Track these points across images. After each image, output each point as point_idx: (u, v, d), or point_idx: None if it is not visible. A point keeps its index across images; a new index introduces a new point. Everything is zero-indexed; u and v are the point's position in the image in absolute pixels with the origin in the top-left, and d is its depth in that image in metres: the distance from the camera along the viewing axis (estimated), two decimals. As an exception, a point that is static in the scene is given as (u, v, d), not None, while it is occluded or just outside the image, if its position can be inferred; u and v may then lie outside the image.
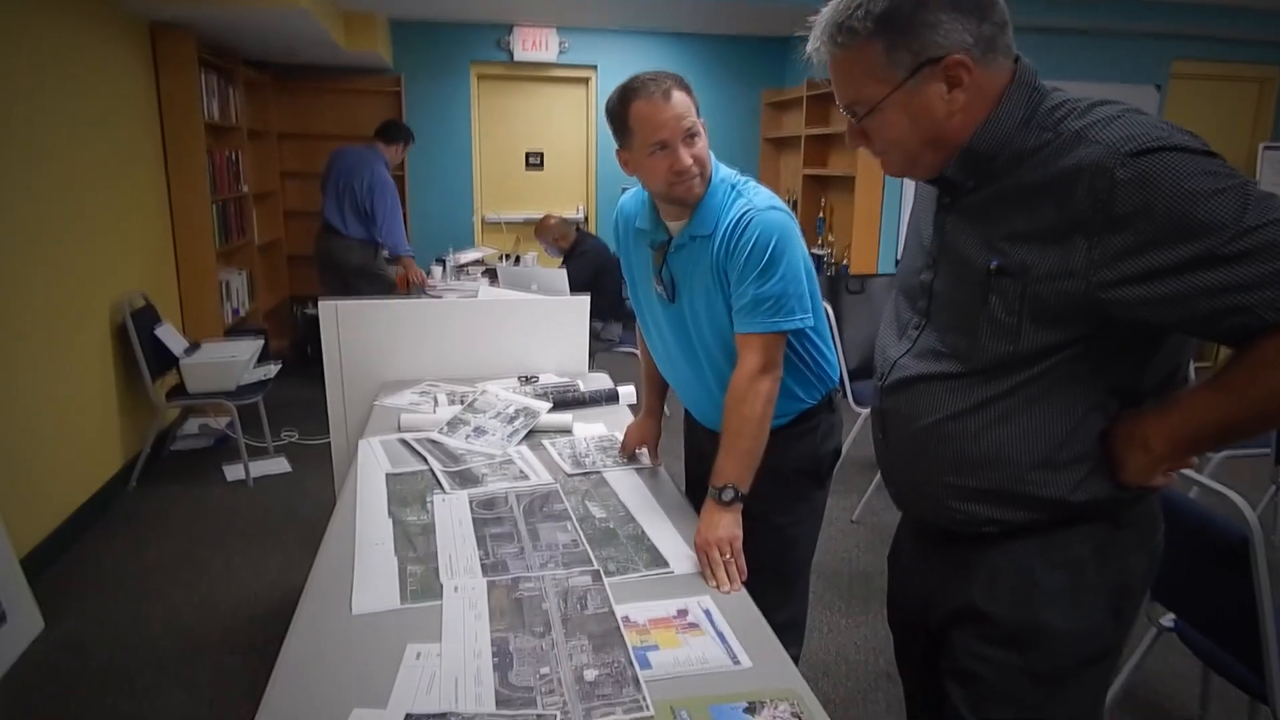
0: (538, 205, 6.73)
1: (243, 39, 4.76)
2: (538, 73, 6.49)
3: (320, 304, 2.55)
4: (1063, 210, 0.94)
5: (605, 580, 1.38)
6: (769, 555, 1.73)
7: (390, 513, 1.64)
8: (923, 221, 1.20)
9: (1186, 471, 2.13)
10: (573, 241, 4.96)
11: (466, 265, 5.39)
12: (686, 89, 1.52)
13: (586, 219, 6.82)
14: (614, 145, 1.64)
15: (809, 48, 1.09)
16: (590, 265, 4.85)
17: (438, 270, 5.07)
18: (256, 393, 3.81)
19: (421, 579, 1.39)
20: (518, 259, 5.46)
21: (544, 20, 6.12)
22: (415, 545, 1.51)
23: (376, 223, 4.78)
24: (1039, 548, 1.09)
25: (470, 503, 1.70)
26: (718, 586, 1.38)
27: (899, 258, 1.31)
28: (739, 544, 1.43)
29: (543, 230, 4.94)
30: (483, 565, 1.44)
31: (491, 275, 5.09)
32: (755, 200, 1.55)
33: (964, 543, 1.15)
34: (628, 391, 2.43)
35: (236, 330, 4.68)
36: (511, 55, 6.28)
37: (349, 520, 1.62)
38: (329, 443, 2.70)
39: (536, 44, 6.27)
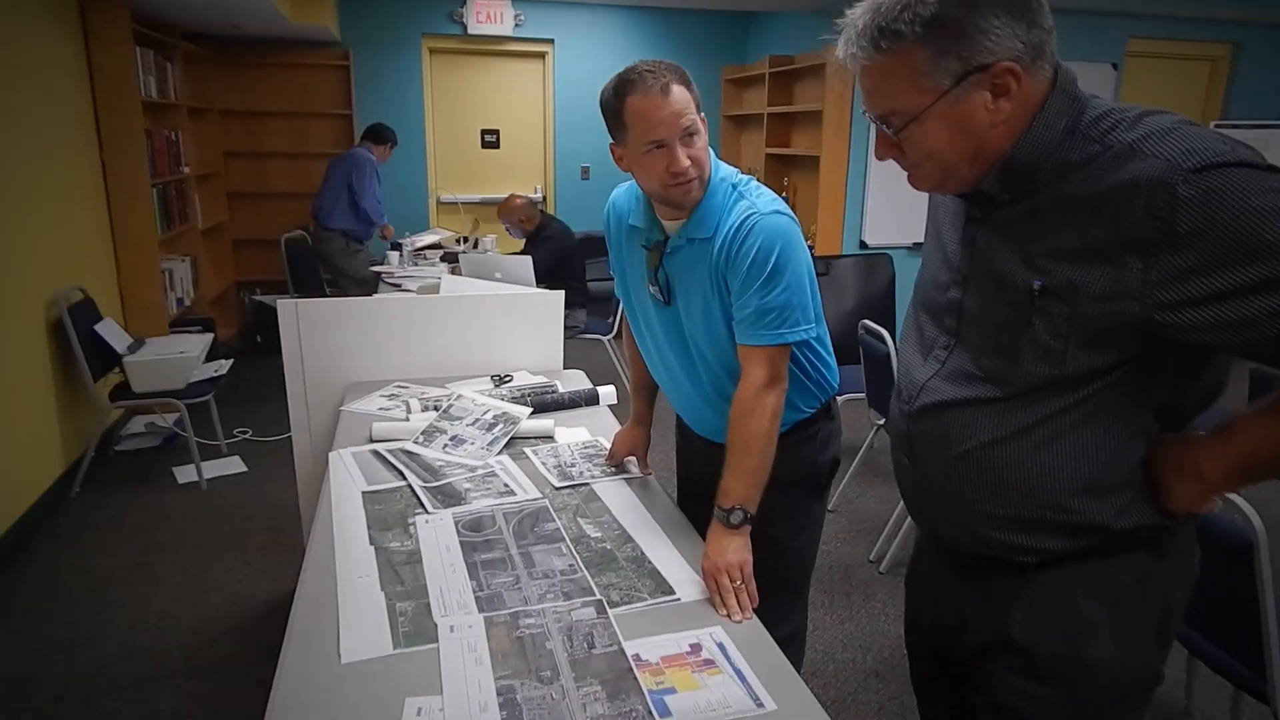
0: (494, 185, 6.55)
1: (181, 10, 4.48)
2: (492, 46, 6.28)
3: (280, 304, 2.40)
4: (1116, 228, 0.89)
5: (610, 613, 1.31)
6: (769, 569, 1.67)
7: (371, 539, 1.54)
8: (945, 233, 1.14)
9: None
10: (537, 224, 4.83)
11: (423, 250, 5.21)
12: (687, 83, 1.42)
13: (545, 199, 6.67)
14: (574, 126, 1.60)
15: (840, 52, 1.00)
16: (556, 249, 4.73)
17: (394, 256, 4.89)
18: (207, 390, 3.62)
19: (413, 618, 1.29)
20: (476, 242, 5.30)
21: (498, -8, 5.92)
22: (402, 577, 1.41)
23: (362, 197, 5.09)
24: (1080, 577, 1.05)
25: (456, 524, 1.60)
26: (729, 615, 1.31)
27: (919, 274, 1.24)
28: (750, 569, 1.37)
29: (507, 211, 4.79)
30: (477, 599, 1.34)
31: (450, 260, 4.93)
32: (758, 204, 1.46)
33: (998, 571, 1.10)
34: (608, 392, 2.34)
35: (182, 322, 4.46)
36: (465, 28, 6.06)
37: (326, 548, 1.51)
38: (288, 438, 2.56)
39: (491, 16, 6.06)
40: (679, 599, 1.36)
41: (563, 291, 2.65)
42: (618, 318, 4.80)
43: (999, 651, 1.11)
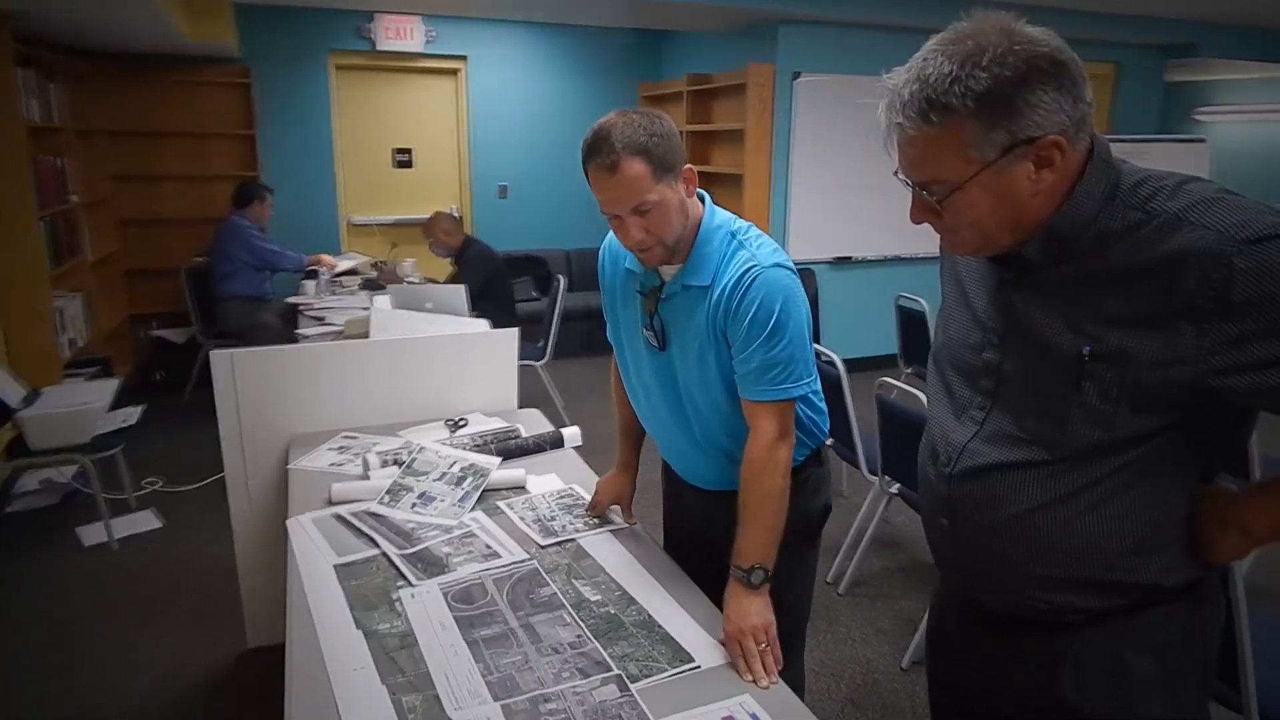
0: (408, 206, 6.35)
1: (65, 27, 4.13)
2: (403, 63, 6.08)
3: (213, 355, 2.23)
4: (1169, 296, 0.91)
5: (633, 689, 1.24)
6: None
7: (357, 622, 1.42)
8: (972, 292, 1.13)
9: None
10: (461, 241, 4.68)
11: (340, 277, 4.98)
12: (645, 153, 1.33)
13: (462, 219, 6.50)
14: (490, 144, 1.60)
15: (882, 120, 0.99)
16: (483, 268, 4.59)
17: (310, 285, 4.65)
18: (115, 443, 3.33)
19: (424, 713, 1.20)
20: (382, 264, 5.10)
21: (408, 7, 5.73)
22: (400, 665, 1.31)
23: (267, 262, 4.90)
24: (1126, 633, 1.05)
25: (445, 597, 1.50)
26: (754, 681, 1.27)
27: (938, 328, 1.23)
28: (774, 630, 1.33)
29: (432, 228, 4.61)
30: (488, 684, 1.26)
31: (371, 287, 4.73)
32: (759, 255, 1.43)
33: (1040, 629, 1.10)
34: (573, 433, 2.27)
35: (76, 364, 4.10)
36: (374, 44, 5.85)
37: (308, 634, 1.39)
38: (208, 486, 2.38)
39: (401, 33, 5.87)
40: (699, 666, 1.31)
41: (516, 330, 2.56)
42: (549, 342, 4.71)
43: (1050, 711, 1.10)
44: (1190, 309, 0.89)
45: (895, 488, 2.84)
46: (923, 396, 1.84)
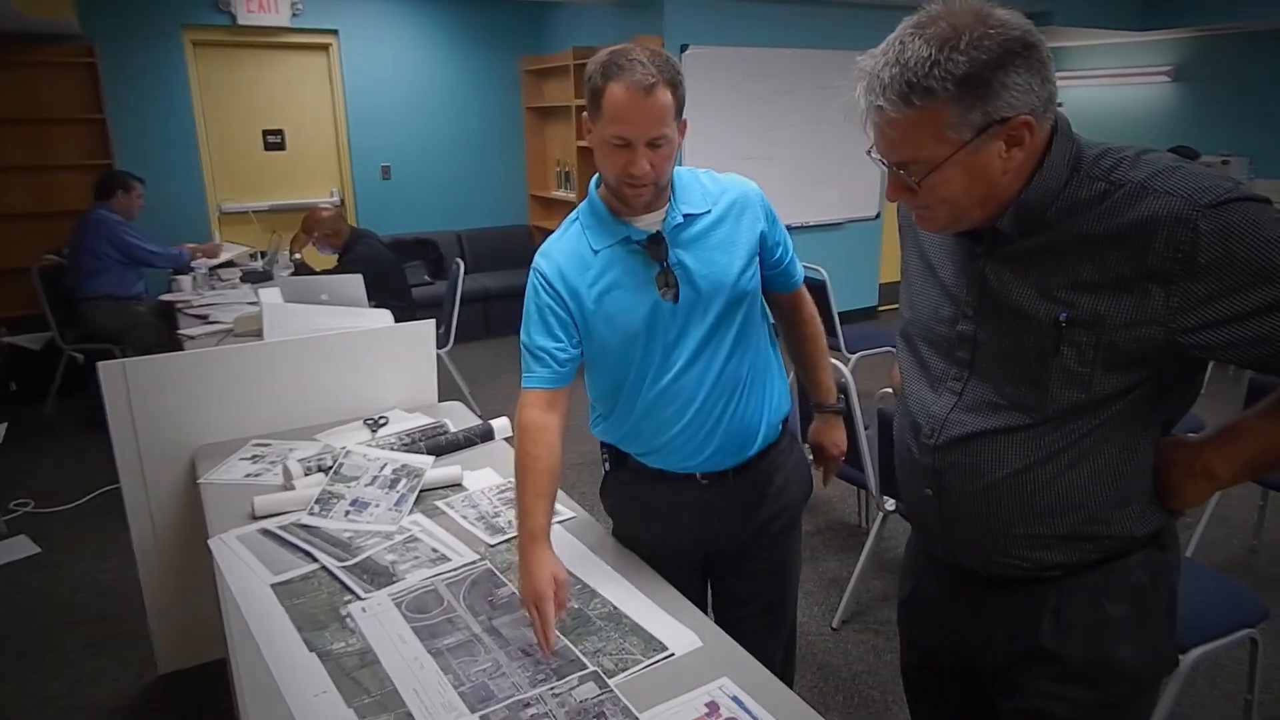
0: (285, 190, 6.01)
1: None
2: (268, 39, 5.71)
3: (101, 367, 2.04)
4: (1138, 260, 0.96)
5: (611, 684, 1.23)
6: (773, 598, 1.69)
7: (309, 644, 1.34)
8: (940, 267, 1.16)
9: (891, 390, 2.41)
10: (346, 238, 4.43)
11: (218, 269, 4.66)
12: (674, 86, 1.33)
13: (343, 203, 6.20)
14: (370, 123, 1.49)
15: (861, 102, 0.99)
16: (373, 262, 4.38)
17: (186, 281, 4.33)
18: (-21, 464, 3.02)
19: (400, 735, 1.15)
20: (262, 254, 4.82)
21: (270, -21, 5.37)
22: (365, 685, 1.25)
23: (138, 259, 4.46)
24: (1102, 582, 1.11)
25: (398, 607, 1.44)
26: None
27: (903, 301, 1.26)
28: None
29: (314, 223, 4.35)
30: (462, 696, 1.22)
31: (254, 279, 4.45)
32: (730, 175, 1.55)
33: (1022, 586, 1.15)
34: (502, 425, 2.22)
35: (-82, 380, 3.68)
36: (234, 18, 5.45)
37: (256, 662, 1.30)
38: (85, 503, 2.20)
39: (264, 5, 5.50)
40: (673, 654, 1.31)
41: (432, 322, 2.47)
42: (451, 328, 4.58)
43: (1029, 660, 1.16)
44: (1158, 271, 0.95)
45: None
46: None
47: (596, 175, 1.47)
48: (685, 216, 1.45)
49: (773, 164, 5.90)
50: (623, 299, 1.44)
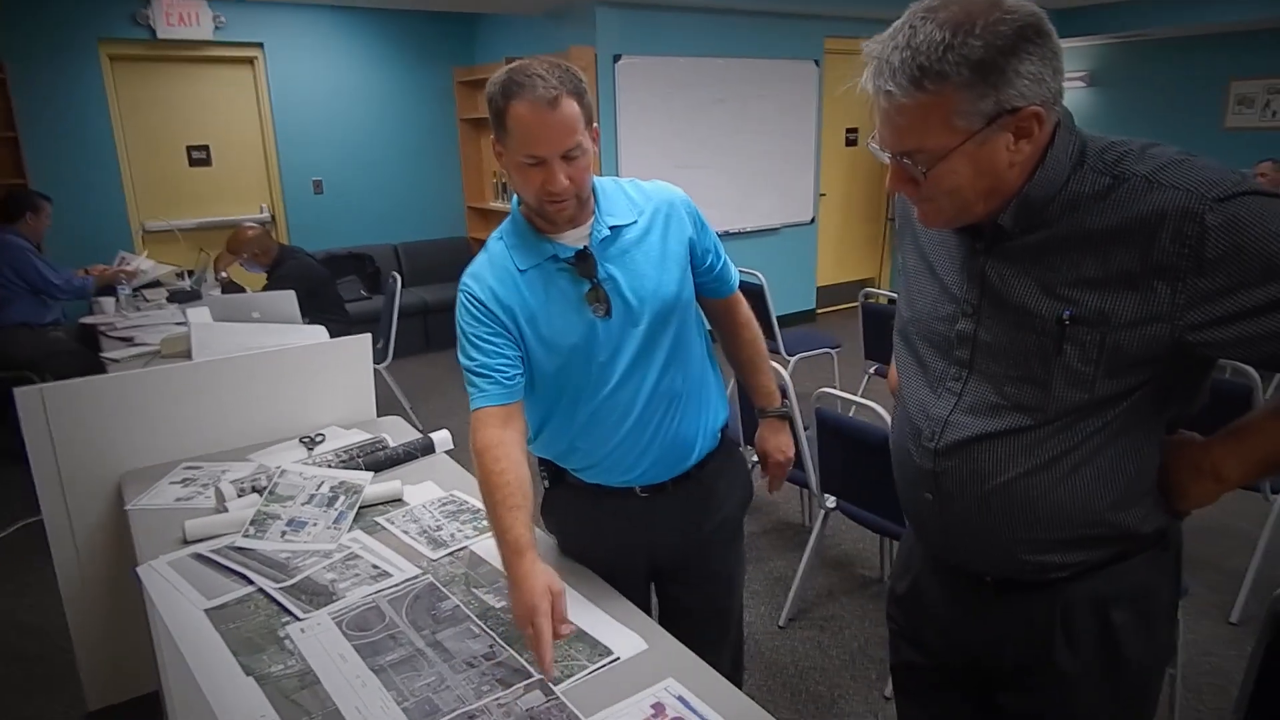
0: (212, 207, 5.85)
1: None
2: (190, 52, 5.56)
3: (18, 393, 1.96)
4: (1144, 255, 0.94)
5: (557, 691, 1.23)
6: (718, 607, 1.70)
7: (245, 668, 1.31)
8: (938, 265, 1.14)
9: (837, 392, 2.57)
10: (274, 256, 4.32)
11: (143, 290, 4.51)
12: (579, 95, 1.30)
13: (274, 218, 6.07)
14: (300, 136, 1.45)
15: (869, 85, 0.97)
16: (305, 278, 4.29)
17: (109, 303, 4.18)
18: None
19: (342, 755, 1.13)
20: (190, 273, 4.68)
21: (190, -9, 5.23)
22: (305, 707, 1.22)
23: (39, 288, 4.26)
24: (1108, 583, 1.09)
25: (339, 626, 1.42)
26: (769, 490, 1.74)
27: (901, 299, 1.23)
28: None
29: (241, 243, 4.25)
30: (406, 711, 1.20)
31: (182, 299, 4.32)
32: (657, 183, 1.55)
33: (1027, 590, 1.13)
34: (443, 437, 2.20)
35: None
36: (154, 32, 5.30)
37: (190, 691, 1.27)
38: (3, 537, 2.10)
39: (185, 18, 5.36)
40: (618, 658, 1.31)
41: (368, 336, 2.43)
42: (389, 342, 4.51)
43: (1039, 661, 1.14)
44: (1165, 267, 0.92)
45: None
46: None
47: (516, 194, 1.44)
48: (611, 229, 1.42)
49: (708, 171, 5.97)
50: (556, 321, 1.42)
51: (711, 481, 1.59)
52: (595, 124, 1.37)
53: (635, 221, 1.46)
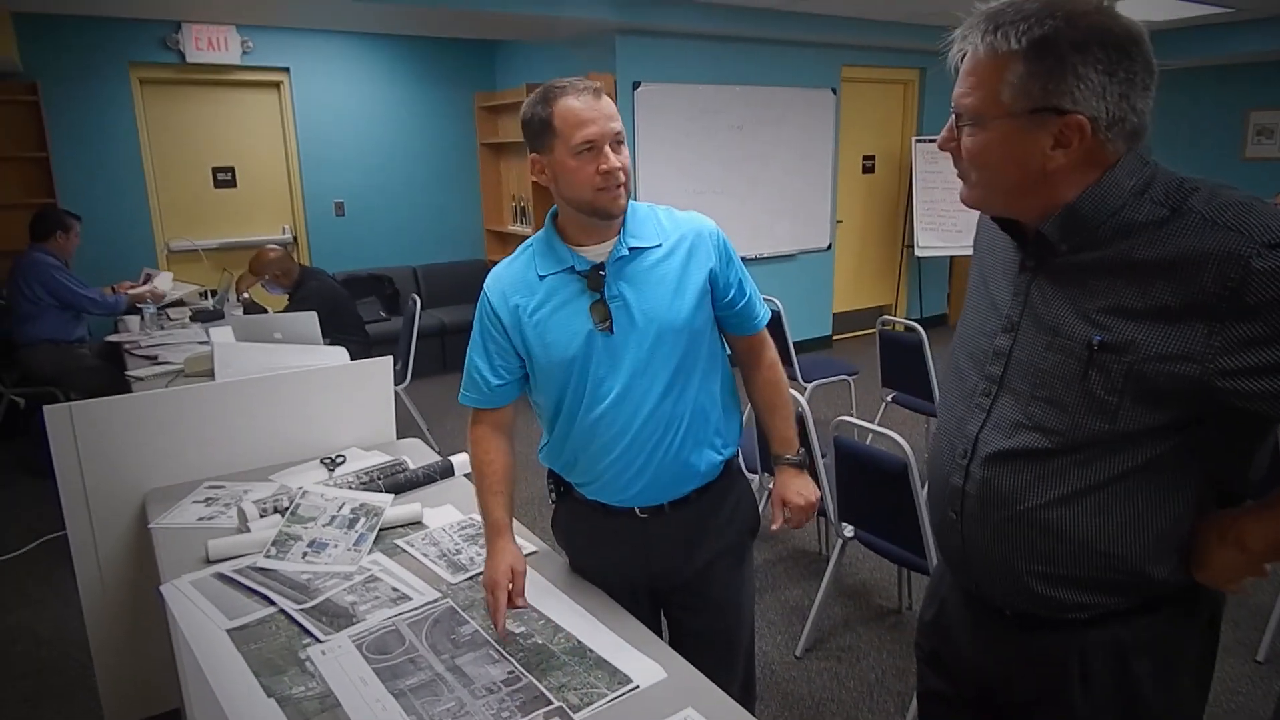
0: (236, 228, 5.94)
1: None
2: (218, 76, 5.67)
3: (47, 411, 1.99)
4: (1185, 292, 0.92)
5: (576, 718, 1.23)
6: (726, 634, 1.68)
7: (267, 689, 1.32)
8: (993, 281, 1.15)
9: (856, 420, 2.56)
10: (295, 278, 4.37)
11: (166, 309, 4.57)
12: (611, 97, 1.44)
13: (296, 240, 6.14)
14: (323, 160, 1.47)
15: (958, 35, 1.00)
16: (326, 299, 4.34)
17: (133, 322, 4.24)
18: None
19: (363, 779, 1.13)
20: (213, 293, 4.73)
21: (219, 17, 5.34)
22: (326, 730, 1.23)
23: (69, 303, 4.29)
24: (1128, 632, 1.07)
25: (359, 649, 1.42)
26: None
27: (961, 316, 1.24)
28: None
29: (263, 264, 4.30)
30: (426, 737, 1.20)
31: (204, 318, 4.37)
32: (693, 214, 1.57)
33: (1045, 628, 1.12)
34: (462, 461, 2.21)
35: None
36: (183, 56, 5.41)
37: (212, 711, 1.28)
38: (25, 552, 2.13)
39: (214, 43, 5.47)
40: (638, 686, 1.31)
41: (389, 359, 2.46)
42: (408, 364, 4.55)
43: (1054, 705, 1.13)
44: (1205, 307, 0.91)
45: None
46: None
47: (554, 207, 1.51)
48: (631, 249, 1.47)
49: (726, 197, 6.01)
50: (558, 325, 1.48)
51: (712, 508, 1.60)
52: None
53: (659, 245, 1.50)
